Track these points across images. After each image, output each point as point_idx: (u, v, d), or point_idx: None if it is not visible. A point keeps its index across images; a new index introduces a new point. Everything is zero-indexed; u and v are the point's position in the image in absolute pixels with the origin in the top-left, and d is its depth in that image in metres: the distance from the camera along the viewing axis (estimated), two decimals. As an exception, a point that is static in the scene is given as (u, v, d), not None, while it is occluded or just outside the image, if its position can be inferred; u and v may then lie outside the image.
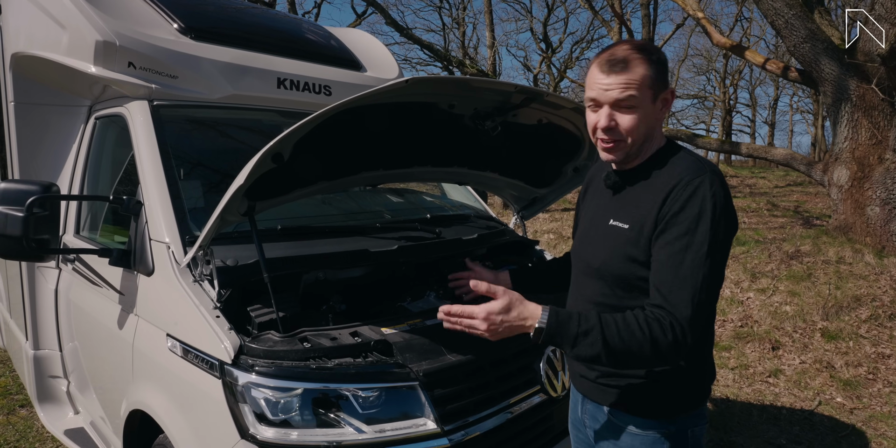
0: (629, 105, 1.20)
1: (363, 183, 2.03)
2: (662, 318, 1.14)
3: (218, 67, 2.48)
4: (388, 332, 1.63)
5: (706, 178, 1.19)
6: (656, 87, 1.21)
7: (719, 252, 1.17)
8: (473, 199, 3.15)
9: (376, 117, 1.67)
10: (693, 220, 1.16)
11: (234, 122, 2.59)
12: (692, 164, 1.23)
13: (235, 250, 1.82)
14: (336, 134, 1.60)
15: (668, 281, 1.17)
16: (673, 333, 1.13)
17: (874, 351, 4.45)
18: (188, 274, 1.72)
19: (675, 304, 1.15)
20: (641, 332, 1.13)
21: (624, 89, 1.18)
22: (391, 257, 2.02)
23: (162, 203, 1.91)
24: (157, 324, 1.79)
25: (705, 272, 1.15)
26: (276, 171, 1.52)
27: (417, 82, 1.44)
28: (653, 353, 1.14)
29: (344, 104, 1.39)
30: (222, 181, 2.34)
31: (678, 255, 1.16)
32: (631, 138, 1.23)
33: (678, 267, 1.16)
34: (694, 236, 1.16)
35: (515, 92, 1.78)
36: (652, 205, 1.22)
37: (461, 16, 19.03)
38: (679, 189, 1.19)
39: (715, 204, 1.16)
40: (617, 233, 1.29)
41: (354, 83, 3.08)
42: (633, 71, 1.18)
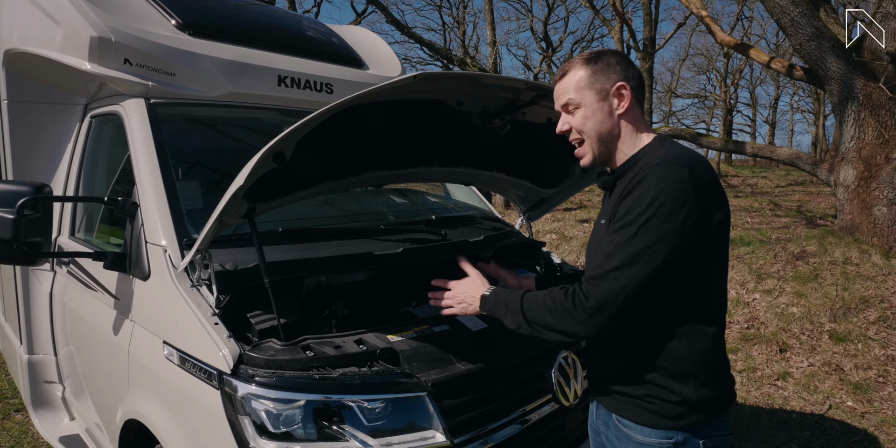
0: (572, 106, 1.32)
1: (367, 183, 1.96)
2: (570, 288, 1.23)
3: (217, 65, 2.41)
4: (395, 340, 1.56)
5: (660, 166, 1.19)
6: (598, 84, 1.29)
7: (654, 236, 1.15)
8: (478, 200, 3.08)
9: (381, 115, 1.60)
10: (631, 204, 1.18)
11: (233, 121, 2.52)
12: (655, 155, 1.26)
13: (234, 254, 1.76)
14: (339, 133, 1.53)
15: (596, 259, 1.22)
16: (574, 300, 1.20)
17: (883, 353, 4.39)
18: (185, 278, 1.66)
19: (590, 277, 1.20)
20: (547, 299, 1.25)
21: (563, 94, 1.33)
22: (396, 260, 1.95)
23: (158, 205, 1.84)
24: (153, 330, 1.72)
25: (633, 252, 1.16)
26: (277, 171, 1.45)
27: (425, 78, 1.37)
28: (558, 322, 1.23)
29: (348, 101, 1.33)
30: (221, 182, 2.27)
31: (610, 237, 1.21)
32: (586, 136, 1.31)
33: (607, 245, 1.20)
34: (627, 218, 1.19)
35: (526, 88, 1.72)
36: (617, 196, 1.27)
37: (461, 15, 18.94)
38: (637, 176, 1.21)
39: (661, 190, 1.16)
40: (599, 230, 1.36)
41: (356, 81, 3.01)
42: (569, 76, 1.32)
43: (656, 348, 1.26)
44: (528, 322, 1.28)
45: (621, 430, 1.33)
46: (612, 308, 1.18)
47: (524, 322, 1.29)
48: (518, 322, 1.30)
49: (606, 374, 1.36)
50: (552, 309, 1.23)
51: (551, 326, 1.24)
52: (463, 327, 1.73)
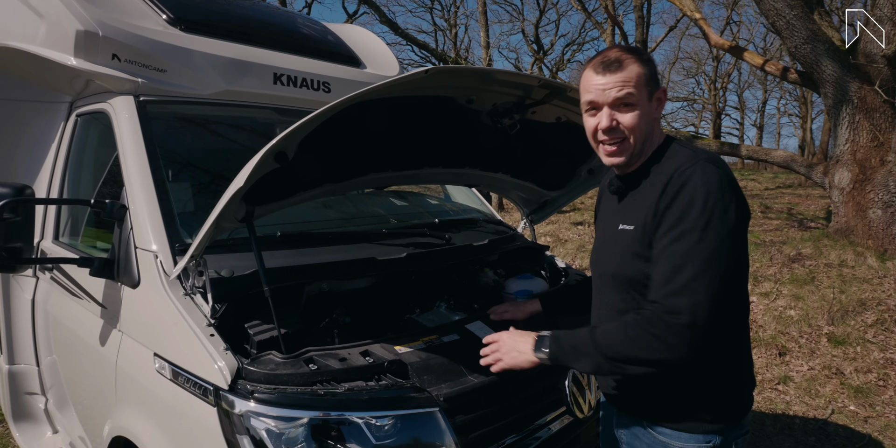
0: (628, 102, 1.21)
1: (370, 185, 1.88)
2: (650, 313, 1.13)
3: (210, 61, 2.31)
4: (403, 351, 1.47)
5: (698, 167, 1.16)
6: (651, 86, 1.23)
7: (716, 238, 1.11)
8: (479, 202, 3.00)
9: (387, 113, 1.51)
10: (684, 208, 1.13)
11: (227, 120, 2.42)
12: (685, 155, 1.22)
13: (230, 260, 1.66)
14: (344, 131, 1.44)
15: (661, 272, 1.14)
16: (662, 325, 1.10)
17: (882, 356, 4.37)
18: (178, 286, 1.55)
19: (667, 295, 1.11)
20: (629, 330, 1.14)
21: (622, 87, 1.20)
22: (400, 266, 1.86)
23: (149, 207, 1.73)
24: (143, 342, 1.61)
25: (703, 258, 1.10)
26: (277, 172, 1.36)
27: (438, 72, 1.29)
28: (647, 352, 1.12)
29: (356, 97, 1.24)
30: (215, 183, 2.17)
31: (671, 246, 1.13)
32: (633, 136, 1.23)
33: (671, 257, 1.13)
34: (685, 224, 1.12)
35: (538, 86, 1.64)
36: (651, 200, 1.21)
37: (453, 17, 18.92)
38: (673, 180, 1.17)
39: (708, 190, 1.12)
40: (625, 236, 1.27)
41: (354, 80, 2.92)
42: (628, 69, 1.20)
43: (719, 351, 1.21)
44: (609, 360, 1.16)
45: (656, 437, 1.28)
46: (703, 322, 1.09)
47: (604, 362, 1.17)
48: (596, 363, 1.18)
49: (638, 381, 1.29)
50: (636, 340, 1.12)
51: (640, 359, 1.13)
52: (473, 337, 1.64)
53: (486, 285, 2.28)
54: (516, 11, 24.92)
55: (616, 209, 1.37)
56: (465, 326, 1.68)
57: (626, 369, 1.17)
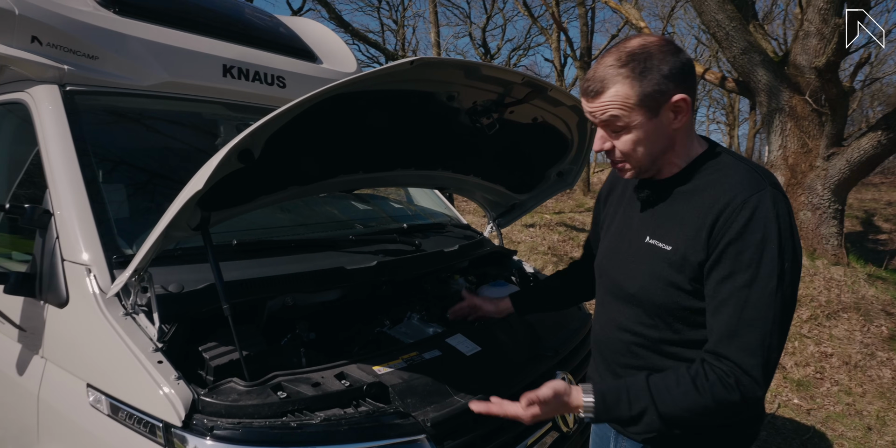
0: (618, 127, 1.07)
1: (339, 188, 1.72)
2: (725, 375, 1.00)
3: (150, 49, 2.07)
4: (382, 372, 1.33)
5: (766, 196, 1.01)
6: (649, 101, 1.03)
7: (790, 285, 1.00)
8: (443, 205, 2.89)
9: (363, 109, 1.37)
10: (756, 248, 0.99)
11: (169, 115, 2.17)
12: (746, 177, 1.05)
13: (178, 273, 1.46)
14: (315, 128, 1.29)
15: (732, 324, 1.00)
16: (741, 391, 0.99)
17: (818, 350, 4.63)
18: (116, 305, 1.34)
19: (742, 352, 1.00)
20: (702, 397, 1.01)
21: (604, 111, 1.05)
22: (371, 276, 1.72)
23: (79, 213, 1.49)
24: (72, 370, 1.38)
25: (776, 311, 0.99)
26: (239, 173, 1.18)
27: (423, 65, 1.16)
28: (719, 417, 1.03)
29: (333, 89, 1.09)
30: (155, 185, 1.94)
31: (741, 293, 0.99)
32: (633, 159, 1.10)
33: (743, 307, 0.99)
34: (759, 269, 0.98)
35: (520, 83, 1.55)
36: (700, 225, 1.05)
37: (401, 17, 18.74)
38: (733, 209, 1.01)
39: (780, 227, 0.99)
40: (656, 254, 1.11)
41: (311, 75, 2.74)
42: (611, 92, 1.03)
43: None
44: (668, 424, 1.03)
45: None
46: (770, 379, 1.02)
47: (663, 427, 1.04)
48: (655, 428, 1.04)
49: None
50: (710, 408, 1.00)
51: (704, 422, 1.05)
52: (456, 352, 1.53)
53: (457, 293, 2.17)
54: (464, 15, 25.09)
55: (642, 217, 1.20)
56: (446, 341, 1.56)
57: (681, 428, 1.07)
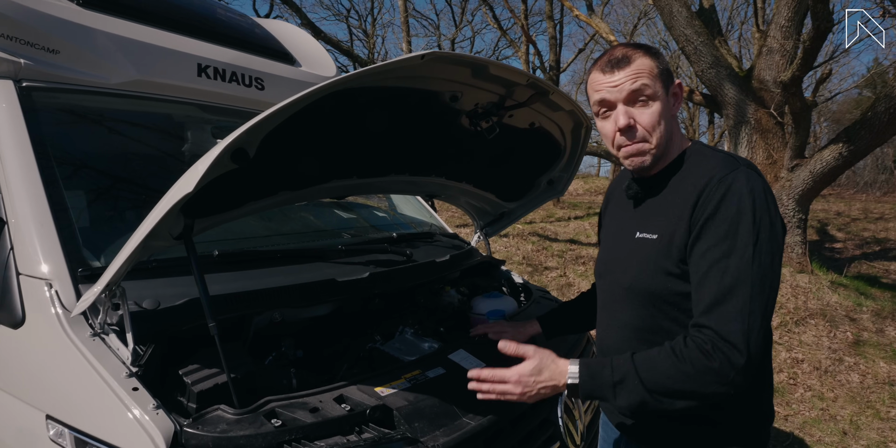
0: (644, 96, 1.10)
1: (330, 194, 1.61)
2: (704, 342, 1.01)
3: (118, 44, 1.91)
4: (385, 394, 1.22)
5: (740, 173, 1.06)
6: (665, 79, 1.12)
7: (768, 254, 1.02)
8: (428, 214, 2.80)
9: (362, 109, 1.27)
10: (731, 220, 1.02)
11: (139, 116, 2.01)
12: (722, 160, 1.11)
13: (153, 287, 1.32)
14: (312, 128, 1.18)
15: (712, 294, 1.02)
16: (719, 358, 0.99)
17: (789, 356, 4.73)
18: (82, 324, 1.18)
19: (721, 319, 1.01)
20: (682, 364, 1.01)
21: (635, 79, 1.09)
22: (364, 288, 1.60)
23: (37, 220, 1.33)
24: (28, 400, 1.21)
25: (754, 279, 1.00)
26: (228, 176, 1.06)
27: (435, 59, 1.08)
28: (701, 386, 1.00)
29: (336, 84, 0.99)
30: (121, 191, 1.77)
31: (719, 264, 1.02)
32: (655, 135, 1.12)
33: (722, 276, 1.01)
34: (735, 239, 1.02)
35: (525, 85, 1.48)
36: (682, 209, 1.09)
37: (371, 27, 18.68)
38: (711, 188, 1.05)
39: (754, 199, 1.02)
40: (645, 245, 1.15)
41: (290, 78, 2.62)
42: (638, 62, 1.10)
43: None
44: (654, 395, 1.02)
45: None
46: (757, 350, 0.99)
47: (649, 397, 1.02)
48: (639, 399, 1.03)
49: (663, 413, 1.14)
50: (691, 374, 1.00)
51: (691, 394, 1.01)
52: (460, 369, 1.42)
53: (449, 305, 2.08)
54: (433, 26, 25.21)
55: (631, 216, 1.24)
56: (449, 357, 1.46)
57: (674, 404, 1.03)
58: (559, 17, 13.47)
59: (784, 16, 5.84)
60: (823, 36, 4.33)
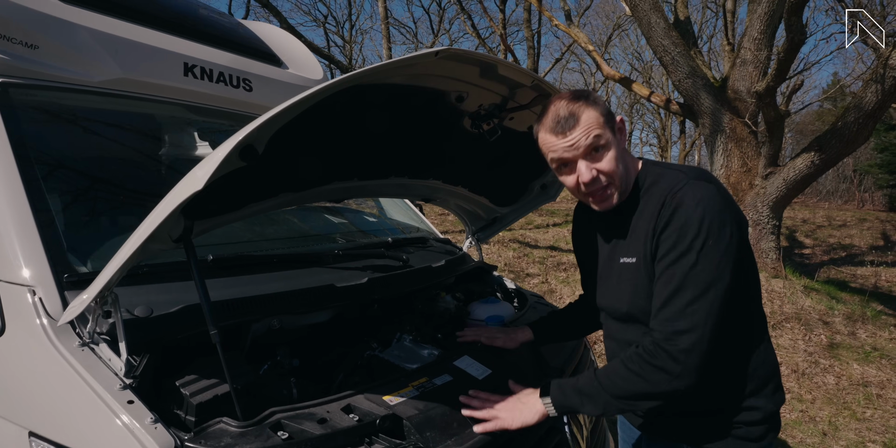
0: (599, 146, 1.16)
1: (330, 197, 1.56)
2: (648, 344, 1.11)
3: (102, 41, 1.83)
4: (394, 402, 1.17)
5: (688, 186, 1.14)
6: (610, 122, 1.19)
7: (713, 259, 1.08)
8: (418, 219, 2.76)
9: (368, 108, 1.24)
10: (679, 230, 1.10)
11: (122, 116, 1.93)
12: (673, 177, 1.19)
13: (144, 293, 1.25)
14: (318, 126, 1.14)
15: (658, 297, 1.12)
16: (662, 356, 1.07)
17: (767, 360, 4.82)
18: (69, 334, 1.11)
19: (664, 321, 1.09)
20: (629, 364, 1.12)
21: (587, 134, 1.14)
22: (364, 294, 1.55)
23: (18, 222, 1.25)
24: (8, 416, 1.12)
25: (700, 280, 1.07)
26: (232, 175, 1.01)
27: (448, 56, 1.05)
28: (651, 386, 1.09)
29: (350, 79, 0.96)
30: (104, 192, 1.69)
31: (667, 270, 1.11)
32: (617, 178, 1.19)
33: (668, 282, 1.10)
34: (680, 247, 1.10)
35: (529, 86, 1.47)
36: (647, 229, 1.17)
37: (350, 35, 18.62)
38: (667, 204, 1.14)
39: (704, 210, 1.09)
40: (628, 269, 1.23)
41: (278, 80, 2.56)
42: (584, 116, 1.15)
43: (732, 366, 1.20)
44: (616, 399, 1.13)
45: None
46: (702, 346, 1.07)
47: (612, 401, 1.14)
48: (604, 404, 1.14)
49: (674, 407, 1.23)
50: (640, 374, 1.10)
51: (646, 394, 1.10)
52: (467, 376, 1.39)
53: (446, 311, 2.04)
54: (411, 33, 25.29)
55: (613, 242, 1.32)
56: (454, 364, 1.42)
57: (635, 405, 1.14)
58: (537, 26, 13.68)
59: (757, 29, 6.04)
60: (797, 48, 4.49)
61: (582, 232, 1.46)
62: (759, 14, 6.00)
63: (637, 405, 1.13)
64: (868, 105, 4.53)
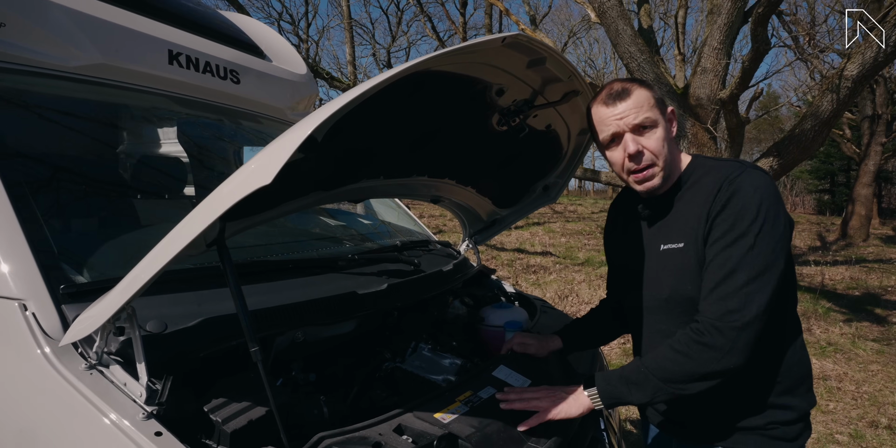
0: (648, 124, 1.20)
1: (353, 197, 1.44)
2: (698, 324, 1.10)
3: (79, 22, 1.64)
4: (447, 420, 1.07)
5: (746, 174, 1.16)
6: (661, 107, 1.23)
7: (770, 243, 1.10)
8: (412, 221, 2.66)
9: (411, 99, 1.14)
10: (737, 214, 1.12)
11: (101, 105, 1.73)
12: (731, 165, 1.21)
13: (152, 306, 1.09)
14: (368, 118, 1.03)
15: (712, 278, 1.12)
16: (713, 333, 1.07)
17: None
18: (73, 355, 0.94)
19: (717, 301, 1.09)
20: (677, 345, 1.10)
21: (637, 112, 1.19)
22: (386, 301, 1.44)
23: (2, 227, 1.07)
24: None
25: (753, 264, 1.08)
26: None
27: (511, 44, 0.97)
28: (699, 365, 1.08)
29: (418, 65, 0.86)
30: (83, 191, 1.50)
31: (723, 252, 1.11)
32: (661, 158, 1.21)
33: (723, 263, 1.11)
34: (737, 230, 1.11)
35: (565, 81, 1.41)
36: (700, 213, 1.18)
37: (307, 33, 18.15)
38: (723, 190, 1.16)
39: (761, 196, 1.12)
40: (673, 255, 1.23)
41: (265, 72, 2.42)
42: (636, 94, 1.20)
43: (770, 361, 1.20)
44: (666, 383, 1.11)
45: None
46: (755, 325, 1.07)
47: (661, 386, 1.11)
48: (653, 390, 1.12)
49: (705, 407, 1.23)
50: (688, 353, 1.08)
51: (695, 374, 1.08)
52: (509, 387, 1.30)
53: (458, 318, 1.95)
54: (368, 34, 24.99)
55: (650, 233, 1.33)
56: (493, 375, 1.33)
57: (685, 388, 1.11)
58: (497, 28, 13.79)
59: (717, 39, 6.29)
60: (761, 57, 4.69)
61: (617, 225, 1.46)
62: (718, 25, 6.25)
63: (687, 388, 1.10)
64: (824, 113, 4.79)
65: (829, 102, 4.72)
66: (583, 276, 7.49)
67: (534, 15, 8.87)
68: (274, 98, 2.47)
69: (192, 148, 1.94)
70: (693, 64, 6.70)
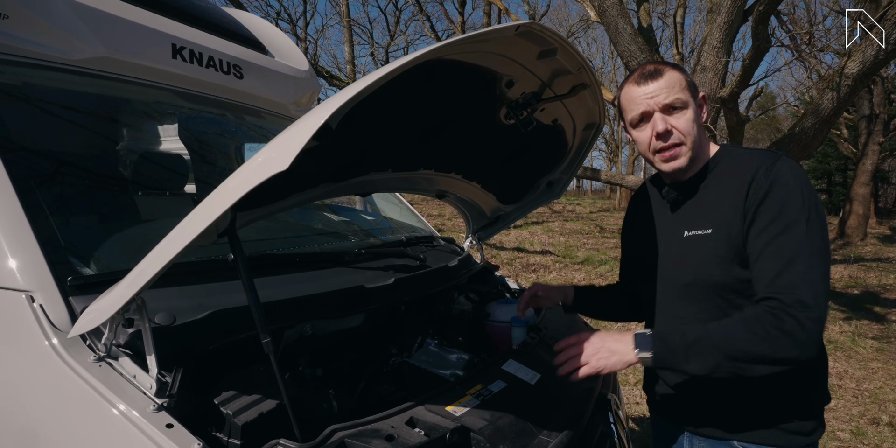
0: (678, 105, 1.20)
1: (361, 190, 1.43)
2: (773, 307, 1.05)
3: (83, 15, 1.62)
4: (459, 413, 1.06)
5: (782, 162, 1.16)
6: (692, 90, 1.23)
7: (820, 229, 1.10)
8: (415, 217, 2.64)
9: (421, 90, 1.13)
10: (783, 201, 1.11)
11: (105, 99, 1.72)
12: (764, 153, 1.21)
13: (160, 298, 1.08)
14: (380, 107, 1.02)
15: (774, 268, 1.08)
16: (791, 321, 1.03)
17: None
18: (81, 347, 0.93)
19: (786, 288, 1.05)
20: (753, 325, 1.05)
21: (668, 93, 1.19)
22: (394, 295, 1.43)
23: (8, 219, 1.05)
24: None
25: (811, 250, 1.07)
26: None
27: (524, 33, 0.97)
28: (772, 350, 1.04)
29: (434, 51, 0.85)
30: (85, 184, 1.48)
31: (776, 241, 1.09)
32: (689, 139, 1.21)
33: (780, 251, 1.08)
34: (788, 217, 1.09)
35: (574, 73, 1.40)
36: (735, 200, 1.17)
37: (304, 33, 18.10)
38: (760, 177, 1.14)
39: (801, 183, 1.12)
40: (699, 241, 1.22)
41: (268, 68, 2.40)
42: (668, 75, 1.21)
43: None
44: (730, 360, 1.06)
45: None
46: (825, 317, 1.06)
47: (724, 361, 1.06)
48: (714, 363, 1.06)
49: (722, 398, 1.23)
50: (766, 337, 1.03)
51: (765, 358, 1.04)
52: (519, 381, 1.30)
53: (463, 313, 1.94)
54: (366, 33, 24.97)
55: (673, 219, 1.32)
56: (503, 368, 1.33)
57: (748, 369, 1.07)
58: (497, 30, 13.77)
59: (716, 37, 6.29)
60: (762, 55, 4.70)
61: (637, 216, 1.47)
62: (718, 23, 6.25)
63: (749, 370, 1.06)
64: (824, 111, 4.79)
65: (830, 100, 4.73)
66: (583, 275, 7.49)
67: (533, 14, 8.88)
68: (277, 93, 2.46)
69: (194, 143, 1.92)
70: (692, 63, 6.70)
